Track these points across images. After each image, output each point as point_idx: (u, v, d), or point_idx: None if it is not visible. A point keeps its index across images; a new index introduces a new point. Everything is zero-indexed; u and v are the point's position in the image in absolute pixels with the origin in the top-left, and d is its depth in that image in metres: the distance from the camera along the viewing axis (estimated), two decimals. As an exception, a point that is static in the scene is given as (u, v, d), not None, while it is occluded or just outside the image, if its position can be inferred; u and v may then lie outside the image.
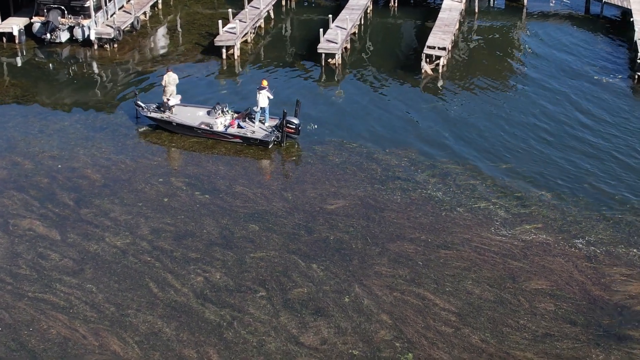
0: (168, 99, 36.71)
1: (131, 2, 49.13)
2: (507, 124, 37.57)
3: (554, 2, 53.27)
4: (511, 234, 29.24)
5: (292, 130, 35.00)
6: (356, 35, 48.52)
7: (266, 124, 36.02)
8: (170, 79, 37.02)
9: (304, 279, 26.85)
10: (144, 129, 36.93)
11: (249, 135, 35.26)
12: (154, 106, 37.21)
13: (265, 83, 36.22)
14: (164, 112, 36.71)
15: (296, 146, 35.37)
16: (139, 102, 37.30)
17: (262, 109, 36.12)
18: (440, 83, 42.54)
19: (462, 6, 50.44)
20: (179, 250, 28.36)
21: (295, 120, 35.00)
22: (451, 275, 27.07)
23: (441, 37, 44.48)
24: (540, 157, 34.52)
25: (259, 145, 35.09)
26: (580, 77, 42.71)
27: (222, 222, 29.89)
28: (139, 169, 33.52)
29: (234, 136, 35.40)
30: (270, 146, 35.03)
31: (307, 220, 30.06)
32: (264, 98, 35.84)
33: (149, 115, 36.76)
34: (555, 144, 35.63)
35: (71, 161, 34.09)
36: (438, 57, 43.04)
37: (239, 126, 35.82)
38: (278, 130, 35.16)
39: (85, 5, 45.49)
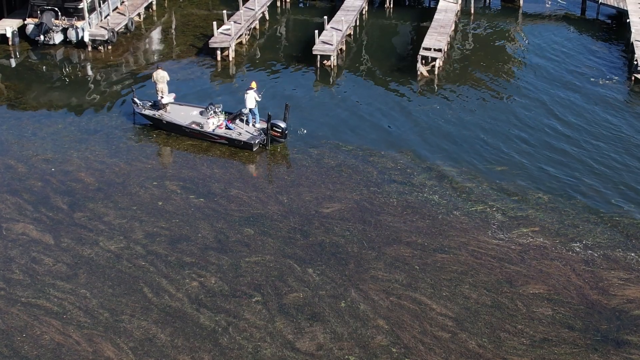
0: (161, 97, 36.51)
1: (125, 3, 48.91)
2: (503, 126, 37.39)
3: (549, 3, 53.12)
4: (508, 237, 29.05)
5: (278, 134, 34.71)
6: (352, 36, 48.31)
7: (257, 126, 35.77)
8: (159, 77, 36.88)
9: (300, 284, 26.64)
10: (138, 130, 36.64)
11: (233, 137, 35.08)
12: (150, 104, 37.08)
13: (254, 84, 35.99)
14: (158, 110, 36.49)
15: (294, 149, 35.11)
16: (136, 99, 37.23)
17: (250, 110, 35.88)
18: (436, 85, 42.34)
19: (457, 7, 50.27)
20: (173, 254, 28.13)
21: (282, 124, 34.68)
22: (448, 280, 26.88)
23: (437, 38, 44.29)
24: (537, 160, 34.34)
25: (243, 147, 34.84)
26: (577, 79, 42.55)
27: (217, 226, 29.66)
28: (133, 172, 33.28)
29: (220, 137, 35.21)
30: (254, 149, 34.77)
31: (303, 223, 29.84)
32: (251, 99, 35.60)
33: (142, 112, 36.68)
34: (552, 146, 35.46)
35: (65, 164, 33.83)
36: (434, 59, 42.85)
37: (227, 127, 35.63)
38: (264, 134, 34.96)
39: (79, 6, 45.23)
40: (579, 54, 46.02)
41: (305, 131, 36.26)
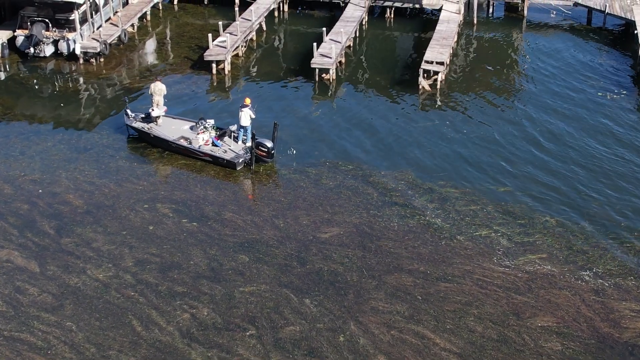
0: (152, 109, 35.38)
1: (118, 14, 47.56)
2: (508, 144, 36.12)
3: (554, 12, 51.77)
4: (514, 264, 27.82)
5: (264, 154, 33.43)
6: (351, 48, 47.02)
7: (247, 144, 34.43)
8: (156, 89, 36.02)
9: (296, 316, 25.40)
10: (130, 148, 35.43)
11: (216, 155, 33.84)
12: (142, 116, 35.96)
13: (248, 101, 34.76)
14: (150, 122, 35.48)
15: (291, 169, 33.87)
16: (128, 111, 36.29)
17: (244, 128, 34.65)
18: (438, 100, 41.06)
19: (460, 17, 49.00)
20: (164, 283, 26.90)
21: (269, 144, 33.37)
22: (452, 311, 25.65)
23: (439, 51, 43.02)
24: (544, 180, 33.09)
25: (226, 166, 33.60)
26: (584, 93, 41.25)
27: (210, 253, 28.42)
28: (124, 193, 32.02)
29: (204, 154, 33.95)
30: (238, 168, 33.53)
31: (300, 250, 28.60)
32: (245, 116, 34.40)
33: (131, 124, 35.66)
34: (559, 165, 34.20)
35: (53, 185, 32.58)
36: (436, 72, 41.57)
37: (214, 144, 34.41)
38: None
39: (71, 18, 43.92)
40: (585, 66, 44.71)
41: (295, 151, 34.95)
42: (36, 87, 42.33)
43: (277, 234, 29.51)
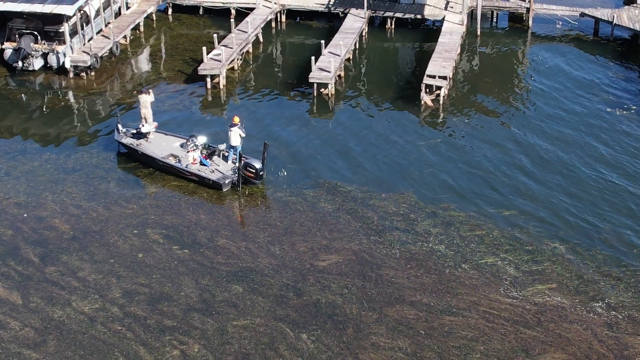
0: (142, 125, 34.23)
1: (110, 26, 46.09)
2: (515, 163, 34.64)
3: (560, 23, 50.26)
4: (522, 295, 26.38)
5: (252, 175, 31.96)
6: (350, 61, 45.53)
7: (237, 165, 32.88)
8: (141, 101, 34.97)
9: (293, 353, 24.00)
10: (120, 169, 34.02)
11: (203, 175, 32.41)
12: (133, 131, 34.59)
13: (236, 120, 33.31)
14: (140, 138, 34.38)
15: (287, 191, 32.42)
16: (119, 126, 35.08)
17: (234, 147, 33.20)
18: (441, 116, 39.54)
19: (463, 29, 47.53)
20: (153, 317, 25.47)
21: (257, 165, 31.89)
22: (457, 347, 24.22)
23: (442, 64, 41.55)
24: (552, 203, 31.61)
25: (212, 186, 32.19)
26: (592, 109, 39.71)
27: (202, 283, 26.98)
28: (112, 218, 30.57)
29: (191, 173, 32.55)
30: (224, 189, 32.11)
31: (297, 279, 27.16)
32: (235, 136, 32.99)
33: (120, 140, 34.50)
34: (567, 188, 32.70)
35: (38, 209, 31.14)
36: (439, 87, 40.08)
37: (202, 163, 33.00)
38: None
39: (60, 30, 42.47)
40: (593, 79, 43.15)
41: (285, 173, 33.45)
42: (24, 102, 40.87)
43: (272, 262, 28.07)
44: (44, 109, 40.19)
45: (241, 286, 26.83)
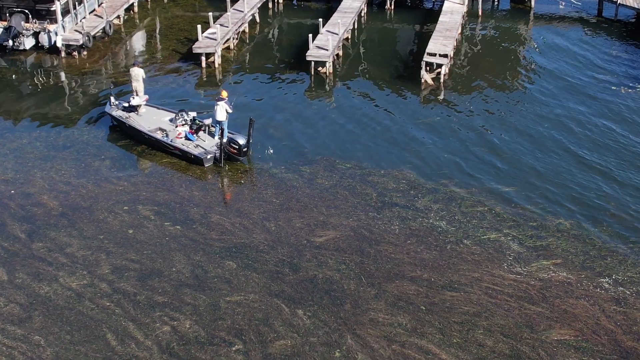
0: (132, 98, 33.58)
1: (103, 5, 45.17)
2: (518, 140, 33.74)
3: (563, 3, 49.36)
4: (526, 271, 25.43)
5: (235, 151, 31.02)
6: (349, 40, 44.64)
7: (224, 140, 31.91)
8: (133, 74, 34.38)
9: (288, 329, 23.03)
10: (112, 145, 33.11)
11: (185, 149, 31.58)
12: (125, 104, 33.85)
13: (224, 94, 32.35)
14: (131, 111, 33.74)
15: (282, 167, 31.50)
16: (112, 98, 34.39)
17: (219, 122, 32.21)
18: (442, 94, 38.63)
19: (464, 8, 46.67)
20: (143, 292, 24.51)
21: (241, 141, 30.96)
22: (459, 323, 23.26)
23: (442, 43, 40.62)
24: (556, 179, 30.70)
25: (194, 162, 31.33)
26: (596, 88, 38.81)
27: (194, 259, 26.02)
28: (102, 194, 29.63)
29: (175, 147, 31.72)
30: (206, 165, 31.25)
31: (292, 255, 26.21)
32: (221, 110, 31.99)
33: (110, 112, 33.80)
34: (573, 163, 31.80)
35: (26, 185, 30.20)
36: (439, 66, 39.17)
37: (187, 138, 32.12)
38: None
39: (52, 8, 41.57)
40: (597, 59, 42.29)
41: (272, 151, 32.45)
42: (15, 81, 39.93)
43: (267, 237, 27.13)
44: (35, 89, 39.27)
45: (235, 262, 25.90)
